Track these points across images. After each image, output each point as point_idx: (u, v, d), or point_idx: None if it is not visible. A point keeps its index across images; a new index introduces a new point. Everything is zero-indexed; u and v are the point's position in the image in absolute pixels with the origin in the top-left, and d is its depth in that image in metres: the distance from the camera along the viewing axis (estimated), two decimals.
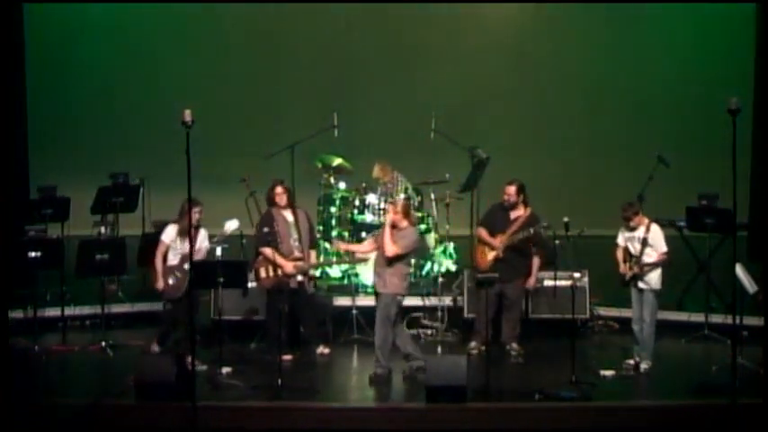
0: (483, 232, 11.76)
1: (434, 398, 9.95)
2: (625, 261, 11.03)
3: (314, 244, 11.87)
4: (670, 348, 11.47)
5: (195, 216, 11.06)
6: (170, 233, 11.17)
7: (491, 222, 11.75)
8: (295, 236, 11.44)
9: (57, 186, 13.42)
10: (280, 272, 11.32)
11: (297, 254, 11.41)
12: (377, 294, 10.87)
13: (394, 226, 10.75)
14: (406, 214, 10.84)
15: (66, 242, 12.44)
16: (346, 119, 13.97)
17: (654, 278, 10.95)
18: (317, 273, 12.61)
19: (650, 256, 10.90)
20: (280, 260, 11.31)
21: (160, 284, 11.13)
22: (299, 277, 11.39)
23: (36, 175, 15.22)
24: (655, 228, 10.99)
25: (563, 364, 10.68)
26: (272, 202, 11.56)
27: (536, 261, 11.65)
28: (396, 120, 16.46)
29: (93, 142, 16.77)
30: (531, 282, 11.68)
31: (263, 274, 11.37)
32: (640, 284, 10.97)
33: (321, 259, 12.73)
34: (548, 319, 12.30)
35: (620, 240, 11.12)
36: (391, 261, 10.68)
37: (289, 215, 11.52)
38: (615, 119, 16.99)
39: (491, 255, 11.59)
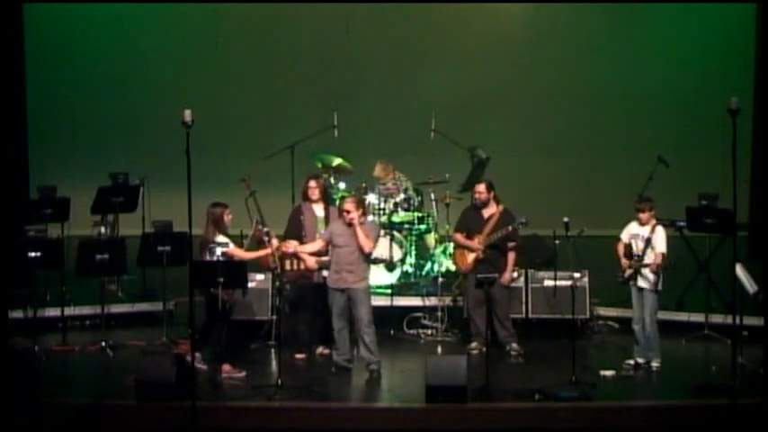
0: (459, 237, 11.80)
1: (434, 398, 9.95)
2: (625, 257, 11.02)
3: None
4: (670, 348, 11.44)
5: (229, 218, 11.06)
6: (229, 244, 11.03)
7: (466, 225, 11.77)
8: (322, 231, 11.47)
9: (57, 186, 13.41)
10: (303, 266, 11.35)
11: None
12: (341, 291, 10.87)
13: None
14: (364, 208, 11.10)
15: (66, 242, 12.44)
16: (346, 119, 13.98)
17: (653, 279, 10.95)
18: None
19: (650, 258, 10.90)
20: (302, 254, 11.35)
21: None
22: (325, 273, 11.42)
23: (36, 175, 15.21)
24: (660, 229, 10.99)
25: (563, 364, 10.68)
26: (305, 195, 11.65)
27: (511, 257, 11.62)
28: (396, 120, 16.47)
29: (93, 142, 16.78)
30: (506, 277, 11.62)
31: (287, 266, 11.38)
32: (640, 283, 10.97)
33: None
34: (548, 319, 12.30)
35: (624, 236, 11.12)
36: (367, 256, 10.91)
37: (319, 210, 11.58)
38: (615, 119, 17.00)
39: (471, 256, 11.60)
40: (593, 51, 17.01)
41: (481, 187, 11.74)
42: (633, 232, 11.06)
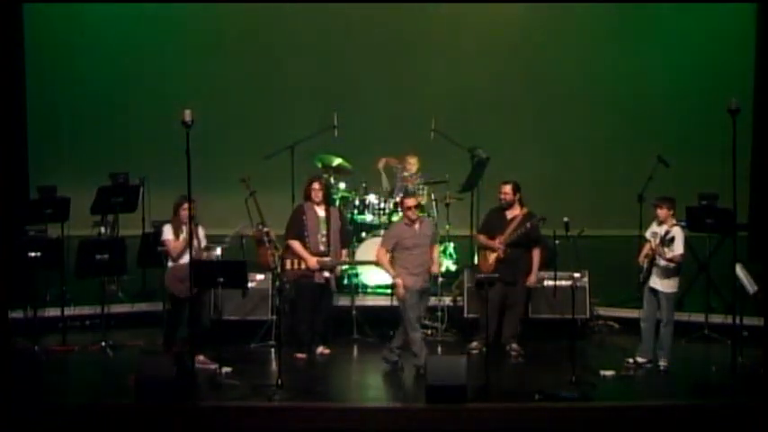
0: (482, 237, 11.77)
1: (434, 398, 9.94)
2: (646, 256, 11.04)
3: (346, 243, 11.87)
4: (670, 348, 11.45)
5: (184, 213, 11.05)
6: (167, 233, 11.14)
7: (489, 226, 11.75)
8: (323, 232, 11.48)
9: (57, 186, 13.42)
10: (304, 266, 11.35)
11: (322, 249, 11.45)
12: (419, 292, 10.95)
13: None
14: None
15: (66, 242, 12.44)
16: (346, 119, 13.98)
17: (668, 282, 10.98)
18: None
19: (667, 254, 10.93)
20: (304, 254, 11.35)
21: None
22: (326, 273, 11.42)
23: (36, 175, 15.21)
24: (676, 229, 11.01)
25: (563, 364, 10.68)
26: (307, 196, 11.64)
27: (536, 255, 11.60)
28: (396, 120, 16.46)
29: (93, 142, 16.77)
30: (532, 279, 11.66)
31: (288, 266, 11.38)
32: (652, 285, 10.99)
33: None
34: (548, 319, 12.29)
35: (648, 234, 11.16)
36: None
37: (321, 211, 11.59)
38: (615, 119, 16.99)
39: (492, 257, 11.58)
40: (594, 52, 17.01)
41: (507, 188, 11.67)
42: (654, 231, 11.10)
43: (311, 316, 11.51)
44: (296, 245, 11.44)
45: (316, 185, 11.61)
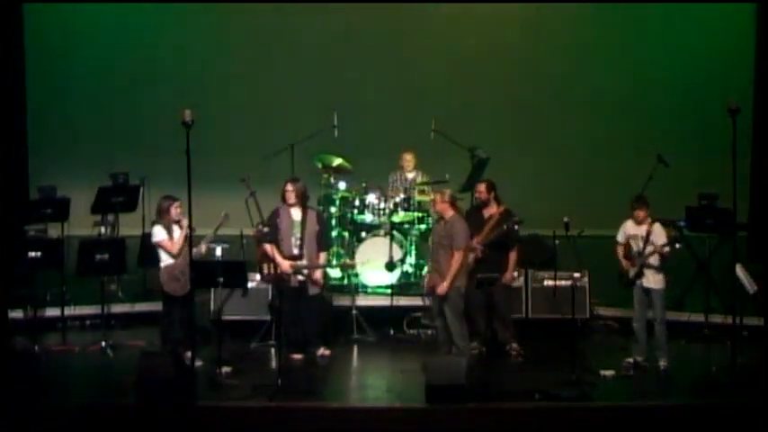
0: None
1: (434, 398, 9.95)
2: (625, 257, 11.04)
3: (325, 246, 11.84)
4: (670, 348, 11.45)
5: (176, 211, 11.06)
6: (160, 234, 11.13)
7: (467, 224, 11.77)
8: (298, 235, 11.44)
9: (56, 186, 13.42)
10: (279, 269, 11.33)
11: (295, 252, 11.41)
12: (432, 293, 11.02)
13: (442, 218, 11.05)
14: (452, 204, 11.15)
15: (66, 242, 12.44)
16: (346, 119, 13.97)
17: (660, 279, 10.98)
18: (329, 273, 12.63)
19: (652, 254, 10.92)
20: (277, 258, 11.32)
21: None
22: (300, 276, 11.40)
23: (36, 175, 15.21)
24: (657, 226, 11.02)
25: (563, 364, 10.68)
26: (283, 198, 11.60)
27: (512, 256, 11.62)
28: (396, 120, 16.46)
29: (93, 142, 16.76)
30: (508, 277, 11.64)
31: (265, 270, 11.38)
32: (645, 283, 10.98)
33: (333, 262, 12.75)
34: (548, 319, 12.30)
35: (620, 237, 11.14)
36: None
37: (297, 214, 11.53)
38: (615, 119, 16.98)
39: (470, 256, 11.59)
40: (594, 52, 17.00)
41: (481, 187, 11.79)
42: (631, 232, 11.09)
43: (297, 318, 11.46)
44: (268, 249, 11.37)
45: (288, 187, 11.56)
